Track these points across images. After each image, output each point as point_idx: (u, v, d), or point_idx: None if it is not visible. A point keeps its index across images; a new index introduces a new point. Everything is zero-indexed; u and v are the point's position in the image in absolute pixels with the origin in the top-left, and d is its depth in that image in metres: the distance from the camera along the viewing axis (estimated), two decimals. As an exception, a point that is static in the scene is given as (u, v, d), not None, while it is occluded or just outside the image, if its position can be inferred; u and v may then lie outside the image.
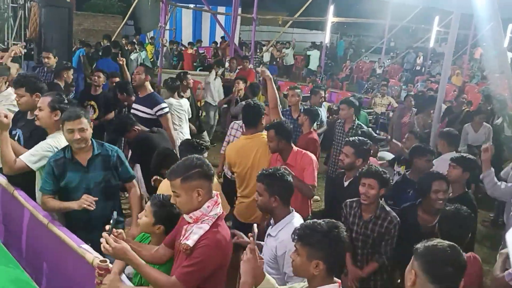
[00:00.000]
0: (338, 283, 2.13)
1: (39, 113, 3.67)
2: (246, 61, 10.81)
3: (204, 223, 2.40)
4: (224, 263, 2.47)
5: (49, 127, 3.73)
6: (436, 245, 2.03)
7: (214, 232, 2.39)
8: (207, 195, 2.43)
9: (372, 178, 3.47)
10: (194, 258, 2.35)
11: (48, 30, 8.30)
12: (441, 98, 6.53)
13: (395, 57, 22.28)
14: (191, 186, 2.38)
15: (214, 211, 2.43)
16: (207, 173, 2.44)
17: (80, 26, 18.57)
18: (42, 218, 3.41)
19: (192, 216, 2.41)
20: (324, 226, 2.10)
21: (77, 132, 3.32)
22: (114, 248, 2.25)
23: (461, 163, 4.03)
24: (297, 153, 4.02)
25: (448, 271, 1.97)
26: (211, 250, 2.35)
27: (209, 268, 2.38)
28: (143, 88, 5.45)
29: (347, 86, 16.90)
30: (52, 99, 3.70)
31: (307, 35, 28.24)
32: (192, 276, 2.35)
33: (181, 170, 2.41)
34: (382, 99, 10.47)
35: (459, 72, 16.72)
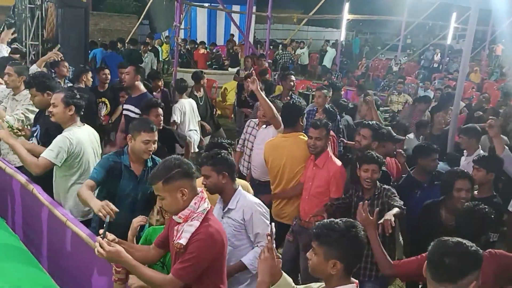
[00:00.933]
0: (355, 283, 2.11)
1: (53, 109, 3.76)
2: (262, 59, 10.80)
3: (194, 220, 2.41)
4: (219, 255, 2.49)
5: (64, 122, 3.82)
6: (442, 241, 2.00)
7: (205, 226, 2.41)
8: (191, 193, 2.44)
9: (375, 164, 3.66)
10: (189, 254, 2.37)
11: (64, 30, 8.41)
12: (459, 96, 6.41)
13: (411, 55, 22.04)
14: (174, 187, 2.39)
15: (202, 207, 2.45)
16: (188, 171, 2.45)
17: (97, 26, 18.74)
18: (60, 216, 3.44)
19: (181, 216, 2.42)
20: (341, 226, 2.08)
21: (152, 144, 3.41)
22: (108, 252, 2.26)
23: (483, 164, 3.95)
24: (328, 157, 4.08)
25: (444, 264, 1.92)
26: (204, 244, 2.37)
27: (205, 262, 2.41)
28: (135, 88, 5.24)
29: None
30: (65, 94, 3.80)
31: (323, 33, 28.08)
32: (188, 271, 2.37)
33: (162, 173, 2.42)
34: (399, 97, 10.35)
35: (477, 69, 16.48)
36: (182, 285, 2.40)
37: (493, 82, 15.28)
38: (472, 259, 1.94)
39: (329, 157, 4.08)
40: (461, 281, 1.91)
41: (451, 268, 1.92)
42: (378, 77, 18.06)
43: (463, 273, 1.92)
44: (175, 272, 2.38)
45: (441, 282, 1.93)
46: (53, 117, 3.78)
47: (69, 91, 3.91)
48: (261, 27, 21.08)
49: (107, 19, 20.42)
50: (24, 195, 4.08)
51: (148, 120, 3.66)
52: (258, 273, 2.16)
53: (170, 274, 2.40)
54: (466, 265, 1.93)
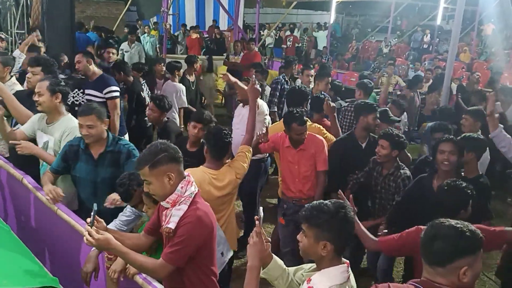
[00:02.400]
0: (346, 264, 2.12)
1: (39, 98, 3.69)
2: (252, 43, 10.73)
3: (182, 204, 2.42)
4: (208, 237, 2.50)
5: (51, 111, 3.76)
6: (436, 223, 1.96)
7: (193, 209, 2.42)
8: (178, 178, 2.44)
9: (384, 139, 3.94)
10: (178, 237, 2.38)
11: (50, 18, 8.25)
12: (449, 76, 6.45)
13: (401, 36, 21.99)
14: (160, 171, 2.39)
15: (189, 190, 2.45)
16: (174, 155, 2.44)
17: (83, 13, 18.43)
18: (50, 205, 3.43)
19: (168, 200, 2.42)
20: (331, 207, 2.08)
21: (84, 128, 3.40)
22: (97, 240, 2.25)
23: (463, 143, 3.95)
24: (307, 137, 4.13)
25: (433, 247, 1.90)
26: (193, 226, 2.38)
27: (194, 245, 2.41)
28: (91, 72, 5.18)
29: (353, 67, 16.74)
30: (50, 82, 3.74)
31: (312, 16, 27.90)
32: (177, 255, 2.38)
33: (148, 157, 2.41)
34: (390, 79, 10.35)
35: (467, 49, 16.50)
36: (173, 268, 2.41)
37: (482, 61, 15.32)
38: (463, 244, 1.87)
39: (309, 136, 4.15)
40: (449, 265, 1.87)
41: (439, 252, 1.89)
42: (369, 59, 18.04)
43: (451, 258, 1.87)
44: (165, 256, 2.39)
45: (431, 265, 1.93)
46: (39, 106, 3.72)
47: (53, 78, 3.87)
48: (250, 11, 20.89)
49: (94, 6, 20.07)
50: (13, 185, 4.06)
51: (85, 106, 3.64)
52: (247, 258, 2.16)
53: (160, 259, 2.40)
54: (455, 249, 1.88)
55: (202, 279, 2.57)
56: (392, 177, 3.99)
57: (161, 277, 2.53)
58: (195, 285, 2.54)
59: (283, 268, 2.33)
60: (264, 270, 2.27)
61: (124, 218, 3.22)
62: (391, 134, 3.97)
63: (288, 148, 4.17)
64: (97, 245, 2.29)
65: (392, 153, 3.97)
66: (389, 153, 3.96)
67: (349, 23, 30.76)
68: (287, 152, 4.19)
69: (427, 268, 1.95)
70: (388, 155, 3.96)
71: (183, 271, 2.50)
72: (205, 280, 2.59)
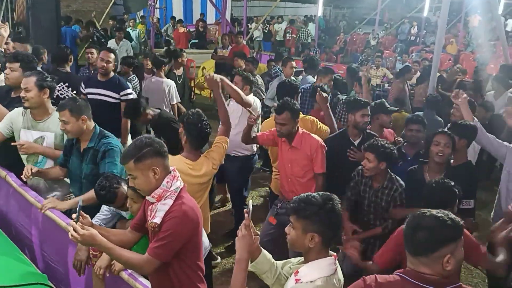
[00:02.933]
0: (333, 256, 2.14)
1: (27, 94, 3.62)
2: (240, 37, 10.70)
3: (167, 198, 2.42)
4: (194, 232, 2.50)
5: (39, 108, 3.71)
6: (417, 214, 1.98)
7: (179, 204, 2.41)
8: (163, 172, 2.44)
9: (370, 152, 3.63)
10: (163, 232, 2.37)
11: (35, 13, 8.14)
12: (435, 67, 6.49)
13: (389, 28, 22.05)
14: (145, 165, 2.39)
15: (175, 185, 2.45)
16: (159, 150, 2.44)
17: (69, 7, 18.20)
18: (34, 202, 3.42)
19: (154, 195, 2.42)
20: (318, 199, 2.09)
21: (61, 123, 3.40)
22: (82, 236, 2.23)
23: (455, 130, 4.00)
24: (302, 135, 3.99)
25: (416, 237, 1.92)
26: (178, 221, 2.38)
27: (180, 239, 2.41)
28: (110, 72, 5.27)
29: (341, 59, 16.76)
30: (37, 77, 3.67)
31: (300, 8, 27.85)
32: (163, 250, 2.38)
33: (133, 152, 2.41)
34: (377, 71, 10.42)
35: (454, 41, 16.58)
36: (159, 263, 2.40)
37: (469, 53, 15.41)
38: (446, 233, 1.91)
39: (305, 135, 4.00)
40: (433, 255, 1.90)
41: (422, 242, 1.91)
42: (356, 52, 18.06)
43: (435, 247, 1.90)
44: (151, 251, 2.38)
45: (415, 256, 1.95)
46: (27, 102, 3.65)
47: (40, 73, 3.79)
48: (238, 4, 20.80)
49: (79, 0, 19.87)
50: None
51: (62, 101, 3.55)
52: (236, 251, 2.17)
53: (146, 254, 2.40)
54: (438, 239, 1.91)
55: (188, 274, 2.57)
56: (387, 191, 3.70)
57: (147, 273, 2.53)
58: (181, 280, 2.54)
59: (272, 262, 2.34)
60: (252, 263, 2.28)
61: (102, 217, 3.21)
62: (376, 145, 3.65)
63: (284, 143, 4.05)
64: (82, 241, 2.27)
65: (379, 166, 3.63)
66: (376, 166, 3.63)
67: (336, 15, 30.74)
68: (284, 148, 4.07)
69: (411, 259, 1.97)
70: (375, 168, 3.64)
71: (169, 267, 2.50)
72: (191, 275, 2.59)
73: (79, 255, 2.91)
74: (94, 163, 3.45)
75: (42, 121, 3.75)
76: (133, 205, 2.83)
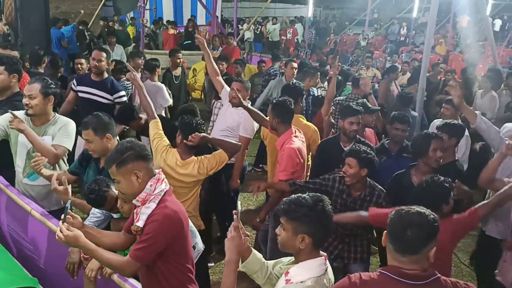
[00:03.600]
0: (324, 256, 2.15)
1: (31, 101, 3.54)
2: (230, 38, 10.71)
3: (151, 202, 2.43)
4: (178, 236, 2.50)
5: (42, 114, 3.63)
6: (403, 212, 2.02)
7: (161, 207, 2.42)
8: (147, 175, 2.45)
9: (351, 157, 3.53)
10: (145, 235, 2.39)
11: (24, 14, 8.09)
12: (425, 68, 6.51)
13: (379, 29, 22.18)
14: (127, 169, 2.41)
15: (159, 188, 2.46)
16: (141, 153, 2.46)
17: (58, 9, 18.10)
18: (24, 205, 3.41)
19: (138, 199, 2.44)
20: (309, 200, 2.11)
21: (85, 143, 3.33)
22: (66, 236, 2.24)
23: (446, 130, 4.04)
24: (286, 140, 3.90)
25: (408, 236, 1.96)
26: (160, 224, 2.38)
27: (161, 243, 2.42)
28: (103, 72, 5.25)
29: (332, 60, 16.80)
30: (42, 84, 3.59)
31: (290, 9, 27.92)
32: (144, 252, 2.38)
33: (114, 156, 2.44)
34: (367, 71, 10.47)
35: (443, 41, 16.72)
36: (139, 266, 2.42)
37: (458, 53, 15.55)
38: (432, 228, 1.99)
39: (287, 138, 3.89)
40: (422, 251, 1.96)
41: (414, 239, 1.96)
42: (347, 53, 18.13)
43: (426, 243, 1.97)
44: (132, 253, 2.40)
45: (404, 254, 1.98)
46: (30, 109, 3.56)
47: (44, 80, 3.68)
48: (228, 5, 20.81)
49: (68, 1, 19.73)
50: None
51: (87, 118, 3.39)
52: (226, 252, 2.18)
53: (127, 256, 2.41)
54: (427, 235, 1.97)
55: (177, 276, 2.57)
56: (368, 198, 3.56)
57: (128, 274, 2.53)
58: (170, 282, 2.55)
59: (262, 262, 2.35)
60: (243, 264, 2.29)
61: (94, 219, 3.17)
62: (358, 151, 3.55)
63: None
64: (65, 241, 2.28)
65: (360, 172, 3.52)
66: (357, 172, 3.51)
67: (327, 16, 30.86)
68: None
69: (398, 258, 2.00)
70: (356, 174, 3.52)
71: (157, 269, 2.50)
72: (181, 277, 2.59)
73: (72, 257, 2.91)
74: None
75: (41, 126, 3.67)
76: (124, 205, 2.82)
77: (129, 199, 2.61)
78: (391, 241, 2.02)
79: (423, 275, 1.96)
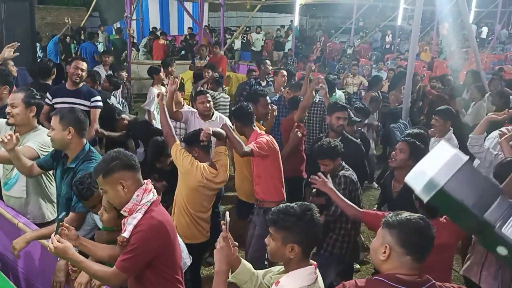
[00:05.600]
0: (314, 265, 2.16)
1: (13, 110, 3.52)
2: (216, 47, 10.72)
3: (138, 212, 2.42)
4: (165, 246, 2.48)
5: (24, 124, 3.59)
6: (409, 218, 2.07)
7: (147, 218, 2.41)
8: (133, 185, 2.45)
9: (322, 159, 3.82)
10: (130, 245, 2.38)
11: (9, 25, 8.05)
12: (410, 75, 6.62)
13: (364, 37, 22.42)
14: (113, 179, 2.41)
15: (146, 198, 2.45)
16: (127, 163, 2.45)
17: (44, 20, 18.09)
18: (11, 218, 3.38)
19: (125, 209, 2.43)
20: (297, 210, 2.11)
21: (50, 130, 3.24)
22: (56, 248, 2.27)
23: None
24: (257, 136, 4.18)
25: (421, 242, 2.03)
26: (145, 235, 2.37)
27: (147, 253, 2.41)
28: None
29: (318, 68, 16.95)
30: (25, 94, 3.57)
31: (276, 18, 28.11)
32: (130, 263, 2.37)
33: (101, 166, 2.44)
34: (354, 79, 10.57)
35: (427, 48, 16.96)
36: (125, 277, 2.41)
37: (442, 60, 15.77)
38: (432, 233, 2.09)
39: (257, 135, 4.17)
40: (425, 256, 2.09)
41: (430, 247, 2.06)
42: (333, 60, 18.28)
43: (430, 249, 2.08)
44: (118, 264, 2.38)
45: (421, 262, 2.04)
46: (12, 118, 3.54)
47: (28, 90, 3.66)
48: (215, 15, 20.87)
49: (54, 12, 19.70)
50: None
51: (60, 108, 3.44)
52: (215, 263, 2.18)
53: (114, 267, 2.39)
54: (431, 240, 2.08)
55: (166, 286, 2.55)
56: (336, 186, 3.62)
57: (115, 285, 2.50)
58: None
59: (252, 272, 2.35)
60: (232, 274, 2.29)
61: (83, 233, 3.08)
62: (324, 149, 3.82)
63: None
64: (55, 253, 2.31)
65: (334, 165, 3.83)
66: (332, 167, 3.81)
67: (313, 25, 31.11)
68: None
69: (414, 265, 2.03)
70: (332, 169, 3.81)
71: (146, 280, 2.49)
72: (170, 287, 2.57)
73: (58, 276, 2.90)
74: (70, 186, 3.15)
75: (22, 135, 3.57)
76: (104, 214, 2.72)
77: (112, 210, 2.60)
78: (410, 252, 2.01)
79: (420, 281, 1.99)
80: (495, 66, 13.75)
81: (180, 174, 3.78)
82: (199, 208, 3.77)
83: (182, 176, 3.75)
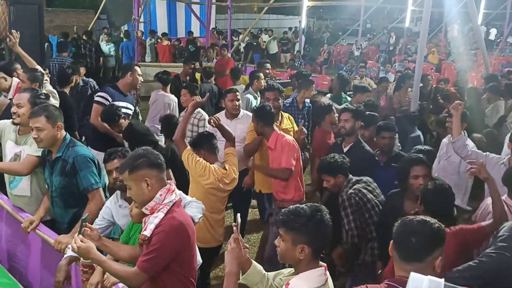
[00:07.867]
0: (324, 267, 2.14)
1: (19, 110, 3.56)
2: (224, 50, 10.74)
3: (160, 211, 2.43)
4: (184, 247, 2.50)
5: (28, 125, 3.54)
6: (407, 221, 2.06)
7: (169, 218, 2.43)
8: (157, 184, 2.46)
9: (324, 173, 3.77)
10: (152, 245, 2.39)
11: (18, 28, 8.08)
12: (418, 77, 6.55)
13: (372, 39, 22.37)
14: (138, 176, 2.43)
15: (168, 198, 2.46)
16: (154, 161, 2.47)
17: (52, 23, 18.19)
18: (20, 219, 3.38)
19: (147, 207, 2.45)
20: (307, 210, 2.10)
21: (34, 131, 3.25)
22: (79, 248, 2.32)
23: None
24: (277, 136, 4.18)
25: (412, 243, 1.99)
26: (166, 235, 2.39)
27: (168, 254, 2.42)
28: None
29: (326, 70, 16.92)
30: (31, 94, 3.62)
31: (284, 20, 28.12)
32: (151, 263, 2.39)
33: (128, 162, 2.47)
34: (361, 81, 10.52)
35: (435, 50, 16.88)
36: (146, 277, 2.41)
37: (450, 62, 15.69)
38: (437, 236, 2.02)
39: (278, 135, 4.18)
40: (428, 258, 1.98)
41: (418, 246, 1.99)
42: (340, 63, 18.25)
43: (430, 251, 1.99)
44: (139, 264, 2.40)
45: (410, 261, 1.99)
46: (17, 118, 3.57)
47: (34, 90, 3.72)
48: (222, 17, 20.94)
49: (63, 15, 19.83)
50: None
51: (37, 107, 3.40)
52: (225, 264, 2.18)
53: (135, 267, 2.41)
54: (431, 242, 2.01)
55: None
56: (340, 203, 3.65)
57: (136, 286, 2.51)
58: None
59: (263, 274, 2.34)
60: (243, 276, 2.28)
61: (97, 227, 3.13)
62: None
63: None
64: (78, 252, 2.37)
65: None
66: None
67: (320, 27, 31.10)
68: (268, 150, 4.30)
69: (404, 266, 2.01)
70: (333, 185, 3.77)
71: (160, 280, 2.49)
72: None
73: (58, 276, 2.91)
74: (62, 175, 3.28)
75: (24, 136, 3.64)
76: (133, 209, 2.73)
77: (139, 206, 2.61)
78: (396, 248, 2.04)
79: None
80: (503, 68, 13.66)
81: (192, 178, 3.80)
82: (213, 210, 3.79)
83: (195, 180, 3.76)
